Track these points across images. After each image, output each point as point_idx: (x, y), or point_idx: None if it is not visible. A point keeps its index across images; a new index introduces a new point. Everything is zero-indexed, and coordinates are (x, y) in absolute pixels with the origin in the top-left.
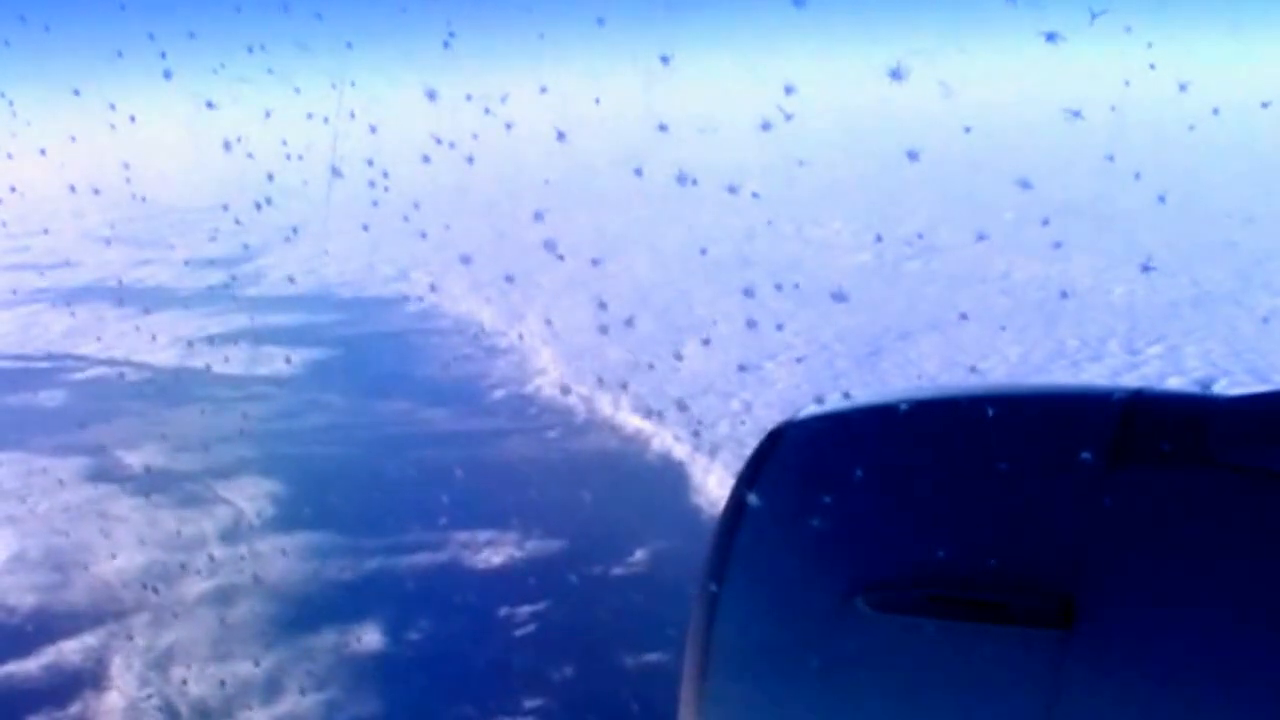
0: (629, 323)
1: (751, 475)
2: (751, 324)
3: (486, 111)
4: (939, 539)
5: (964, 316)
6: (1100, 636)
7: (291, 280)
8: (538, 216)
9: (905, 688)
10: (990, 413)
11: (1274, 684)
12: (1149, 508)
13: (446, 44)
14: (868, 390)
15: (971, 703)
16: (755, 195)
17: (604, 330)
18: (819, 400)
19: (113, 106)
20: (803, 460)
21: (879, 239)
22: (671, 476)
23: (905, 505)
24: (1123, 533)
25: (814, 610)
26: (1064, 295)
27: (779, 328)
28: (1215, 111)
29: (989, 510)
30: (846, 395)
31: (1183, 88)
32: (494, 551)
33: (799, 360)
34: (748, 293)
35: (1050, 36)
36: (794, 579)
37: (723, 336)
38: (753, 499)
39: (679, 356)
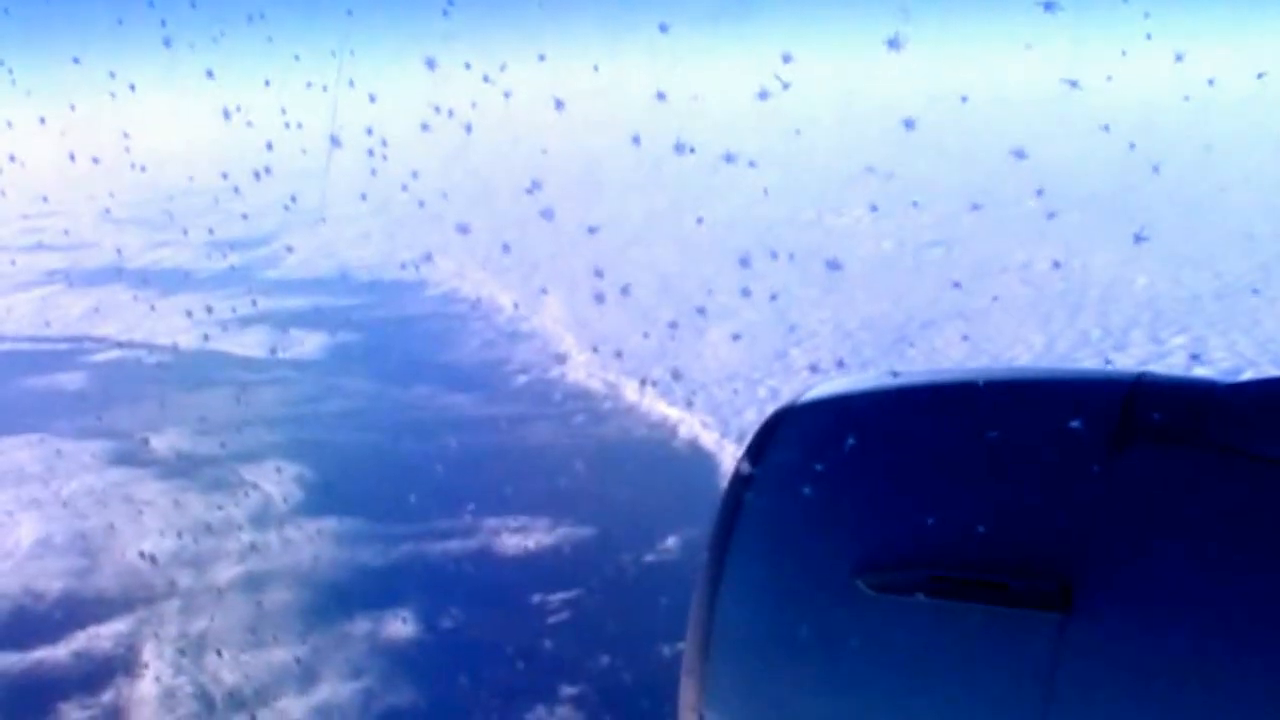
0: (648, 308)
1: (754, 457)
2: (775, 313)
3: (485, 80)
4: (940, 521)
5: (957, 285)
6: (1099, 620)
7: (309, 262)
8: (549, 193)
9: (905, 668)
10: (993, 395)
11: (1272, 668)
12: (1150, 491)
13: (445, 12)
14: (872, 373)
15: (970, 683)
16: (752, 164)
17: (625, 314)
18: (813, 381)
19: (113, 74)
20: (804, 442)
21: (874, 209)
22: (700, 463)
23: (906, 487)
24: (1123, 516)
25: (815, 590)
26: (1056, 265)
27: (779, 303)
28: (1210, 82)
29: (990, 493)
30: (832, 373)
31: (1179, 58)
32: (525, 538)
33: (825, 348)
34: (768, 279)
35: (1048, 6)
36: (795, 560)
37: (746, 323)
38: (755, 480)
39: (703, 343)
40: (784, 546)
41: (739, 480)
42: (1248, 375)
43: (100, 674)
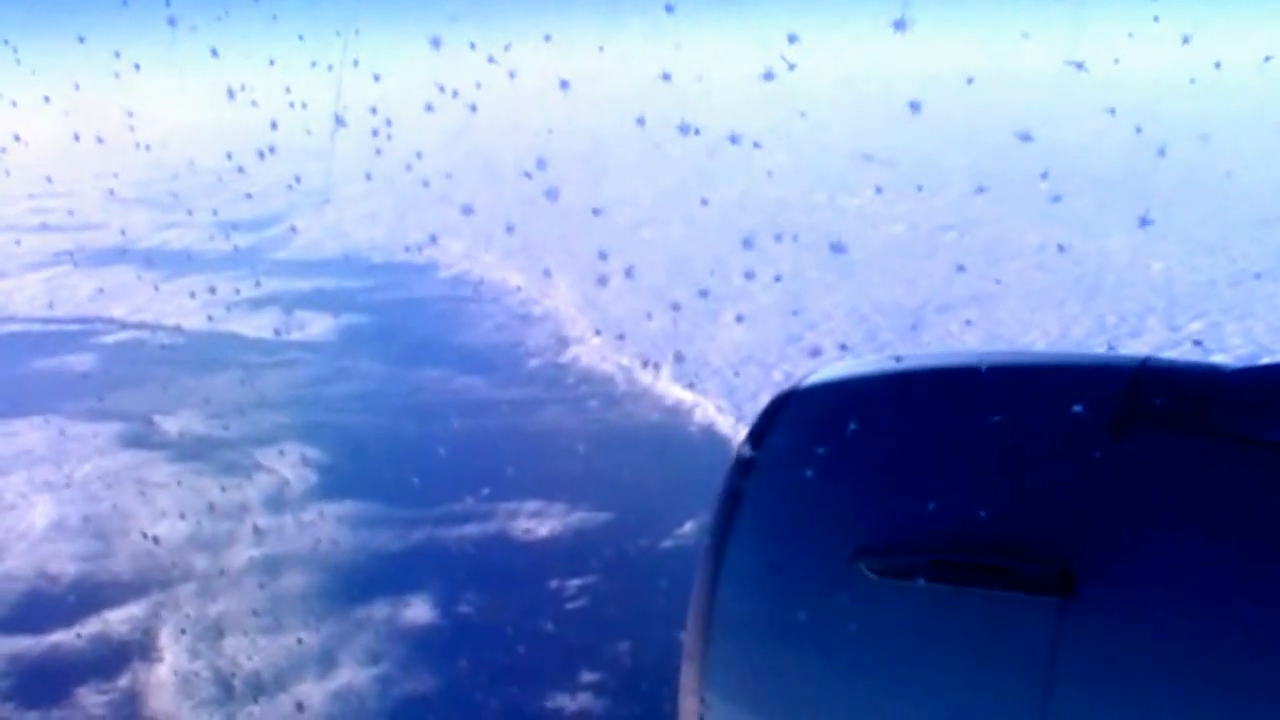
0: (659, 290)
1: (756, 441)
2: (788, 296)
3: (490, 60)
4: (942, 505)
5: (962, 268)
6: (1099, 605)
7: (315, 244)
8: (554, 173)
9: (906, 652)
10: (996, 380)
11: (1272, 653)
12: (1151, 476)
13: None
14: (875, 357)
15: (971, 668)
16: (757, 145)
17: (636, 297)
18: (815, 365)
19: (117, 54)
20: (806, 426)
21: (879, 190)
22: (716, 447)
23: (908, 471)
24: (1124, 501)
25: (816, 574)
26: (1060, 248)
27: (792, 287)
28: (1217, 65)
29: (992, 477)
30: (846, 357)
31: (1186, 40)
32: (541, 522)
33: (838, 332)
34: (779, 261)
35: None
36: (797, 544)
37: (760, 306)
38: (757, 464)
39: (716, 326)
40: (785, 530)
41: (741, 464)
42: (1266, 361)
43: (116, 658)
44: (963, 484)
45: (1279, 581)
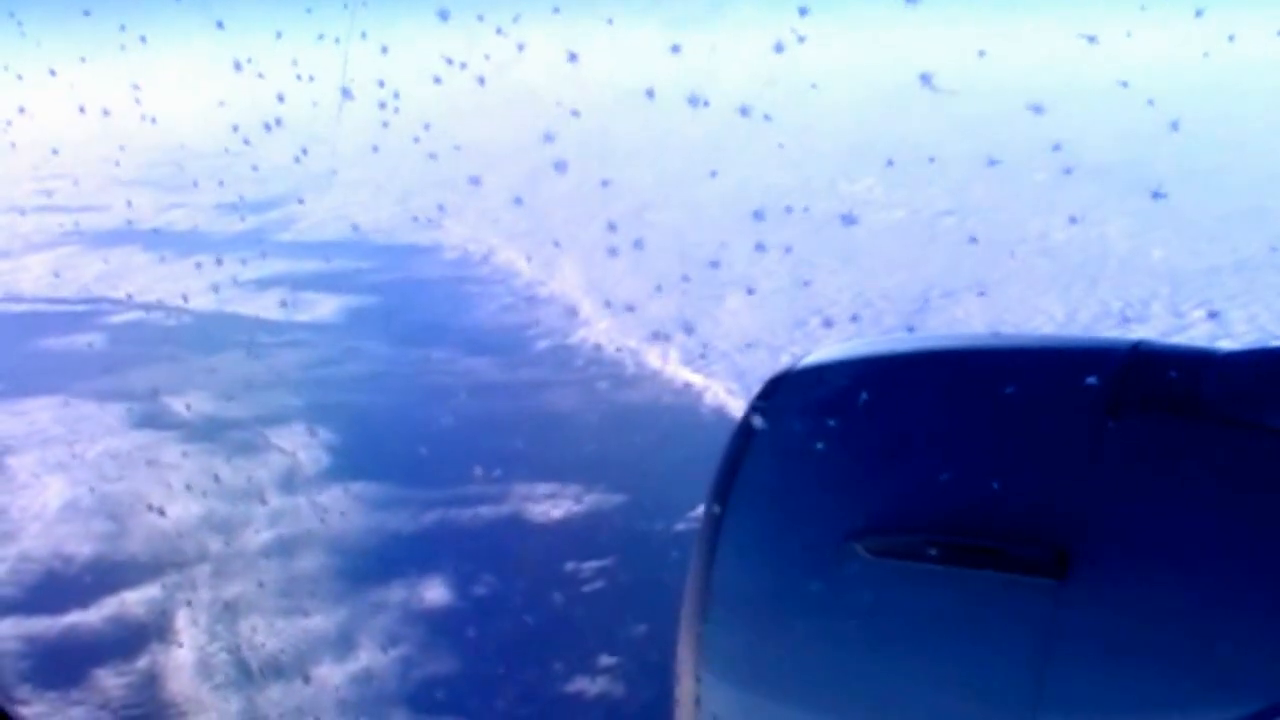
0: (667, 269)
1: (753, 420)
2: (801, 271)
3: (498, 32)
4: (938, 486)
5: (974, 239)
6: (1093, 587)
7: (322, 222)
8: (563, 146)
9: (901, 632)
10: (991, 362)
11: (1265, 635)
12: (1145, 459)
13: None
14: (872, 338)
15: (966, 648)
16: (767, 118)
17: (644, 276)
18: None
19: (123, 27)
20: (803, 406)
21: (890, 163)
22: (726, 429)
23: (904, 452)
24: (1118, 484)
25: (812, 554)
26: (1073, 220)
27: (801, 270)
28: (1230, 38)
29: (987, 459)
30: (851, 336)
31: (1199, 13)
32: (554, 505)
33: (849, 306)
34: (790, 247)
35: None
36: (793, 521)
37: (771, 283)
38: (754, 443)
39: (727, 304)
40: (782, 509)
41: (738, 442)
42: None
43: (132, 638)
44: (958, 465)
45: (1271, 564)
